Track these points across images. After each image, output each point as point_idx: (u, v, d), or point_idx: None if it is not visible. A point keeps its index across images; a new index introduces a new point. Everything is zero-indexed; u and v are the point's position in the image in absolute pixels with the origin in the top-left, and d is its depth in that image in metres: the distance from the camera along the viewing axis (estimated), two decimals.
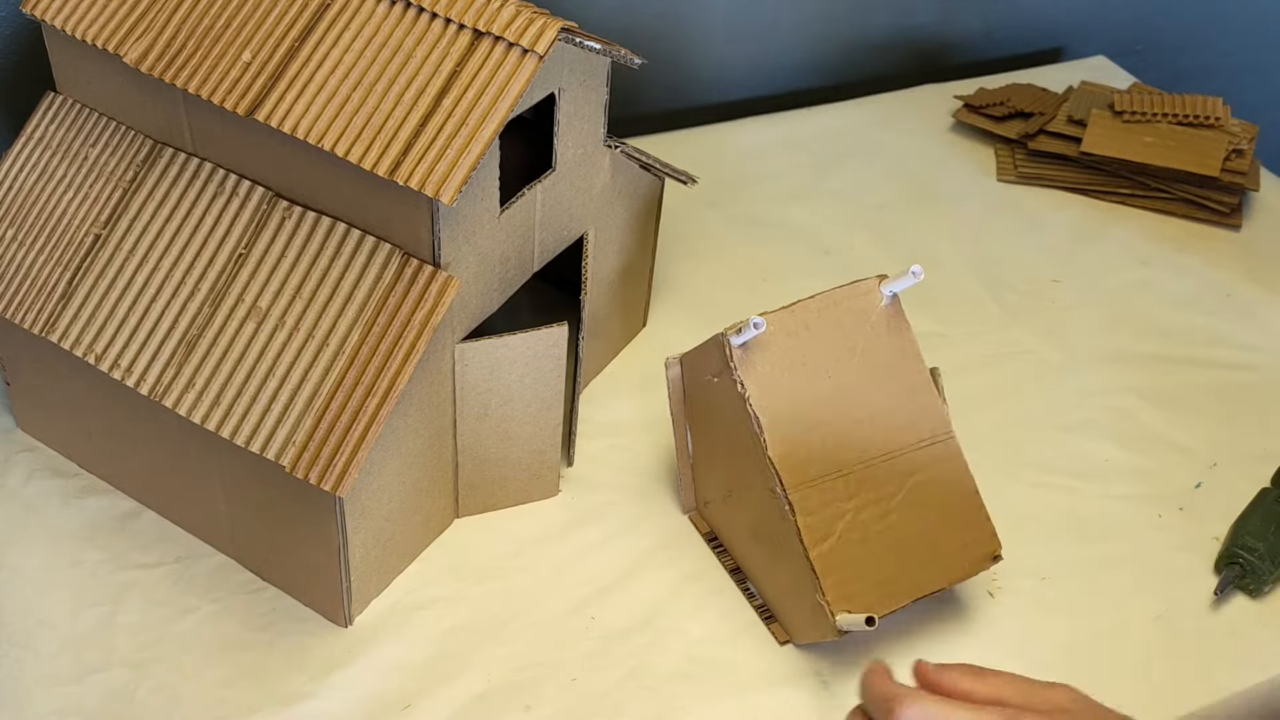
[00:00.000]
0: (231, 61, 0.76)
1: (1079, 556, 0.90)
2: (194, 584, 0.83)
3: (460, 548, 0.88)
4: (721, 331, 0.79)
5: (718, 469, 0.86)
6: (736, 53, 1.36)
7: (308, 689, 0.78)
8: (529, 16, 0.73)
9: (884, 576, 0.78)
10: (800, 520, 0.77)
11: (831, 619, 0.76)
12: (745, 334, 0.77)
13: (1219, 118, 1.27)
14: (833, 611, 0.76)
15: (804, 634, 0.81)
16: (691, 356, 0.84)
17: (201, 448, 0.80)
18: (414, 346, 0.73)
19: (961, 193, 1.26)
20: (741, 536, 0.86)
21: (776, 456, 0.78)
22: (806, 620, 0.80)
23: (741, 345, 0.78)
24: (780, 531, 0.79)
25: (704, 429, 0.86)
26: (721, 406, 0.81)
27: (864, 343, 0.81)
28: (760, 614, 0.85)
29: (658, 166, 0.94)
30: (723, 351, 0.79)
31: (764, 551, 0.83)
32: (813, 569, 0.77)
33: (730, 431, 0.81)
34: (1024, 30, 1.51)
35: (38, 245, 0.82)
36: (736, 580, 0.86)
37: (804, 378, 0.80)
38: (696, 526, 0.90)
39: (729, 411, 0.80)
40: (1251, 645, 0.86)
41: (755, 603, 0.85)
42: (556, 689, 0.79)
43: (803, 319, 0.80)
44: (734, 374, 0.78)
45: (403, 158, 0.72)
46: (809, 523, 0.77)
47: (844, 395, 0.80)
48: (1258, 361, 1.09)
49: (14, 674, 0.77)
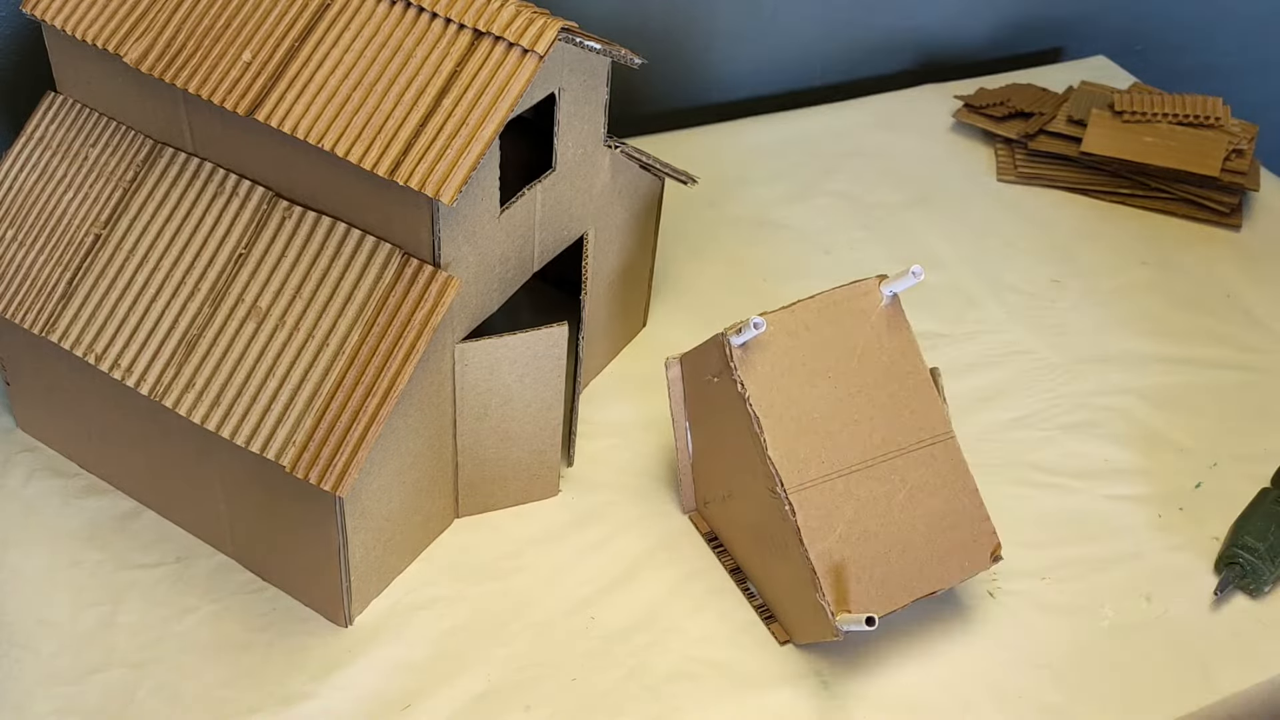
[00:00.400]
0: (232, 61, 0.76)
1: (1079, 556, 0.90)
2: (194, 584, 0.83)
3: (460, 548, 0.88)
4: (721, 331, 0.79)
5: (718, 469, 0.86)
6: (736, 53, 1.36)
7: (308, 689, 0.78)
8: (529, 16, 0.73)
9: (884, 576, 0.78)
10: (800, 520, 0.77)
11: (831, 619, 0.76)
12: (745, 334, 0.77)
13: (1219, 118, 1.27)
14: (833, 612, 0.76)
15: (804, 634, 0.81)
16: (691, 356, 0.84)
17: (201, 448, 0.80)
18: (414, 346, 0.73)
19: (961, 193, 1.26)
20: (742, 536, 0.86)
21: (777, 456, 0.78)
22: (806, 620, 0.80)
23: (741, 345, 0.78)
24: (780, 532, 0.79)
25: (704, 429, 0.86)
26: (722, 406, 0.81)
27: (864, 343, 0.81)
28: (760, 614, 0.85)
29: (658, 166, 0.94)
30: (723, 351, 0.79)
31: (764, 551, 0.83)
32: (813, 569, 0.77)
33: (730, 432, 0.81)
34: (1024, 30, 1.51)
35: (38, 245, 0.82)
36: (736, 580, 0.86)
37: (804, 378, 0.80)
38: (696, 526, 0.90)
39: (729, 411, 0.80)
40: (1251, 645, 0.86)
41: (755, 603, 0.85)
42: (556, 689, 0.79)
43: (803, 319, 0.80)
44: (734, 374, 0.78)
45: (403, 158, 0.72)
46: (809, 523, 0.77)
47: (844, 395, 0.80)
48: (1258, 361, 1.09)
49: (14, 674, 0.77)
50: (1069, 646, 0.85)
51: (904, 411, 0.81)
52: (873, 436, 0.80)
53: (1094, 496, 0.95)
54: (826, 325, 0.81)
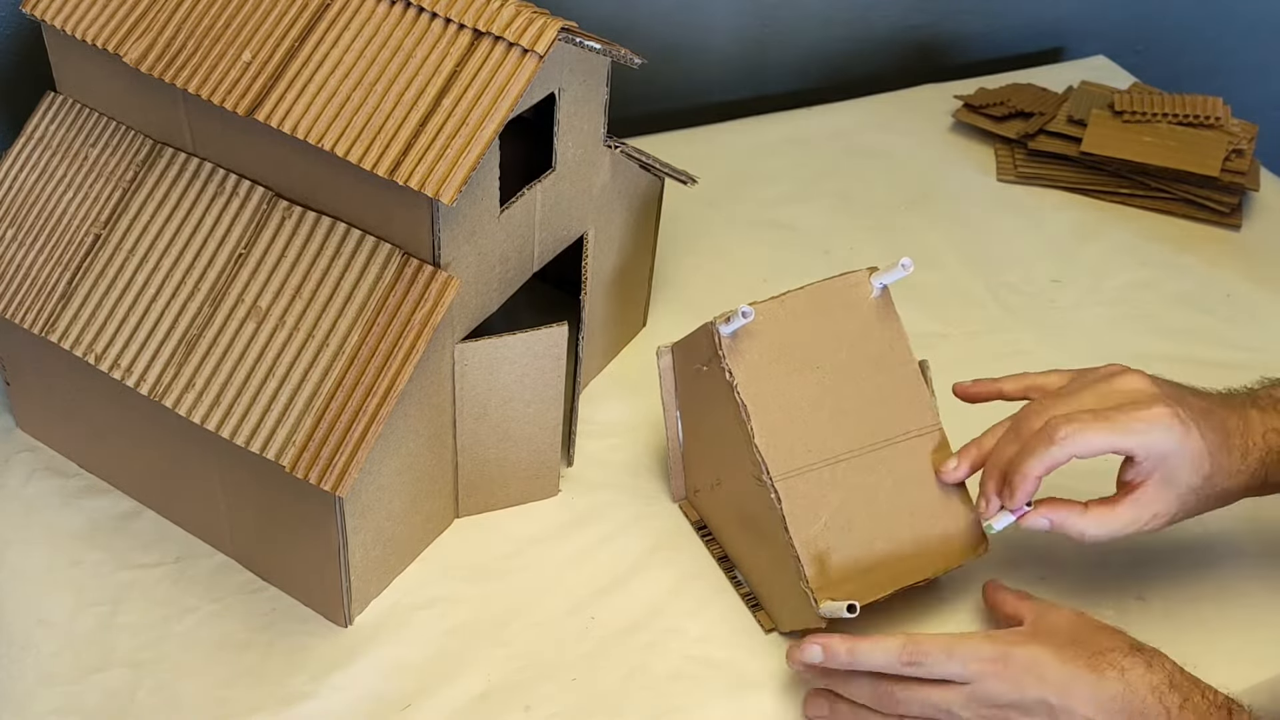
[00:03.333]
0: (231, 61, 0.76)
1: (1079, 556, 0.90)
2: (194, 584, 0.83)
3: (460, 548, 0.88)
4: (711, 320, 0.79)
5: (707, 457, 0.86)
6: (736, 53, 1.36)
7: (308, 689, 0.78)
8: (529, 16, 0.73)
9: (868, 565, 0.79)
10: (786, 508, 0.77)
11: (815, 606, 0.76)
12: (734, 323, 0.78)
13: (1219, 118, 1.27)
14: (816, 599, 0.76)
15: (788, 621, 0.82)
16: (682, 345, 0.84)
17: (201, 448, 0.80)
18: (414, 346, 0.73)
19: (961, 193, 1.26)
20: (729, 524, 0.86)
21: (763, 444, 0.78)
22: (791, 607, 0.80)
23: (730, 334, 0.79)
24: (766, 519, 0.79)
25: (694, 418, 0.86)
26: (710, 395, 0.81)
27: (853, 334, 0.81)
28: (747, 602, 0.85)
29: (658, 166, 0.94)
30: (712, 340, 0.79)
31: (750, 539, 0.83)
32: (797, 556, 0.77)
33: (719, 420, 0.82)
34: (1024, 30, 1.51)
35: (38, 245, 0.82)
36: (725, 569, 0.86)
37: (792, 367, 0.80)
38: (686, 515, 0.90)
39: (718, 400, 0.80)
40: (1251, 645, 0.86)
41: (742, 590, 0.85)
42: (556, 689, 0.80)
43: (792, 309, 0.81)
44: (723, 362, 0.79)
45: (403, 158, 0.72)
46: (794, 510, 0.78)
47: (832, 385, 0.81)
48: (1258, 361, 1.08)
49: (14, 674, 0.77)
50: None
51: (892, 403, 0.81)
52: (860, 426, 0.80)
53: (1094, 496, 0.95)
54: (816, 316, 0.81)
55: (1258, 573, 0.90)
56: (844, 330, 0.82)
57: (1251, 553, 0.92)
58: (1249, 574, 0.90)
